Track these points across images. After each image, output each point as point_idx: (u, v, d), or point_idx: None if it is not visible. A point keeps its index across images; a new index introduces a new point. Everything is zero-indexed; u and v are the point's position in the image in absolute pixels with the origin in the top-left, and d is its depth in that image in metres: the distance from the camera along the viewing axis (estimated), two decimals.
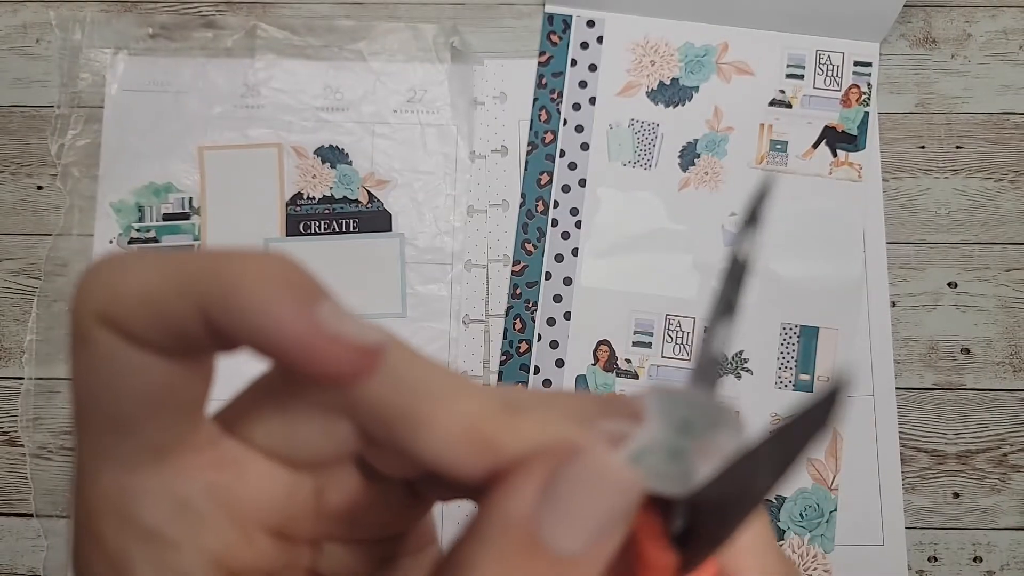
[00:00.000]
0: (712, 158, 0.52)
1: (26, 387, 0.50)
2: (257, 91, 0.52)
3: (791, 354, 0.51)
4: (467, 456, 0.13)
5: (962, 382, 0.51)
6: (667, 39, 0.53)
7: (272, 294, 0.11)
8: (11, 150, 0.52)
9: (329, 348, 0.12)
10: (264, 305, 0.11)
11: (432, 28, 0.53)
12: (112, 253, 0.13)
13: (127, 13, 0.53)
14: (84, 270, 0.12)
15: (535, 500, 0.12)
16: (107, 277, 0.12)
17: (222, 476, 0.14)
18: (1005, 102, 0.53)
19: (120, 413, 0.12)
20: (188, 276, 0.12)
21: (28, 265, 0.51)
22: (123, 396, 0.12)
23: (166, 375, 0.12)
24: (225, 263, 0.12)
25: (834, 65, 0.53)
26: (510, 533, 0.12)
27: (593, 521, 0.12)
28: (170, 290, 0.12)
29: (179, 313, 0.12)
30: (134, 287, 0.12)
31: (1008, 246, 0.52)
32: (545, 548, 0.12)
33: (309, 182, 0.52)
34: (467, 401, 0.13)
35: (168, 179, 0.52)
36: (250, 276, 0.12)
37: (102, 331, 0.12)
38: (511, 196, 0.52)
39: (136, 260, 0.12)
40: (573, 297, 0.51)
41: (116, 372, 0.12)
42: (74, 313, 0.12)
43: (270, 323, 0.11)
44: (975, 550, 0.50)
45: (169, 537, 0.13)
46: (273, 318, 0.11)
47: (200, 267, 0.12)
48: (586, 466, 0.12)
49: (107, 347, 0.12)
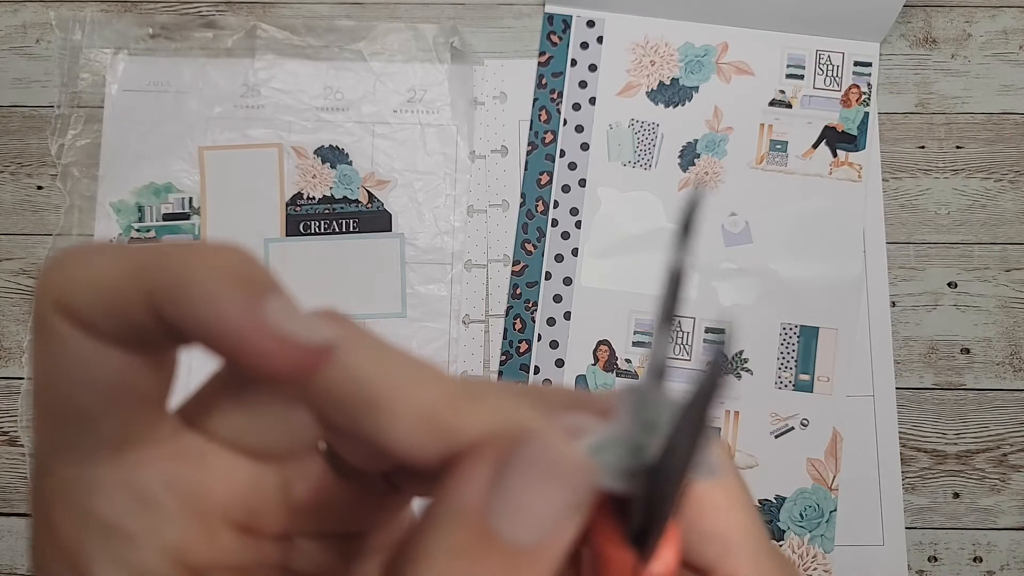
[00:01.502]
0: (712, 158, 0.52)
1: (26, 387, 0.50)
2: (257, 91, 0.52)
3: (791, 354, 0.51)
4: (424, 441, 0.12)
5: (962, 382, 0.51)
6: (667, 39, 0.53)
7: (218, 288, 0.11)
8: (11, 150, 0.52)
9: (273, 346, 0.11)
10: (210, 299, 0.11)
11: (432, 28, 0.53)
12: (77, 244, 0.13)
13: (127, 13, 0.53)
14: (47, 259, 0.13)
15: (486, 488, 0.12)
16: (67, 267, 0.12)
17: (183, 469, 0.13)
18: (1005, 102, 0.53)
19: (78, 404, 0.12)
20: (140, 266, 0.12)
21: (28, 265, 0.51)
22: (81, 387, 0.12)
23: (124, 367, 0.12)
24: (176, 255, 0.12)
25: (834, 65, 0.53)
26: (462, 522, 0.11)
27: (546, 511, 0.12)
28: (122, 280, 0.11)
29: (130, 303, 0.11)
30: (90, 276, 0.12)
31: (1008, 246, 0.52)
32: (498, 539, 0.11)
33: (309, 182, 0.52)
34: (426, 386, 0.13)
35: (168, 179, 0.52)
36: (199, 268, 0.11)
37: (60, 320, 0.12)
38: (511, 196, 0.52)
39: (96, 250, 0.12)
40: (573, 297, 0.51)
41: (74, 362, 0.12)
42: (36, 302, 0.12)
43: (215, 317, 0.11)
44: (975, 550, 0.50)
45: (128, 531, 0.13)
46: (218, 312, 0.11)
47: (153, 258, 0.12)
48: (537, 453, 0.12)
49: (65, 337, 0.12)
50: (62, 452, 0.13)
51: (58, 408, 0.12)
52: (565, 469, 0.12)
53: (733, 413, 0.50)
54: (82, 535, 0.13)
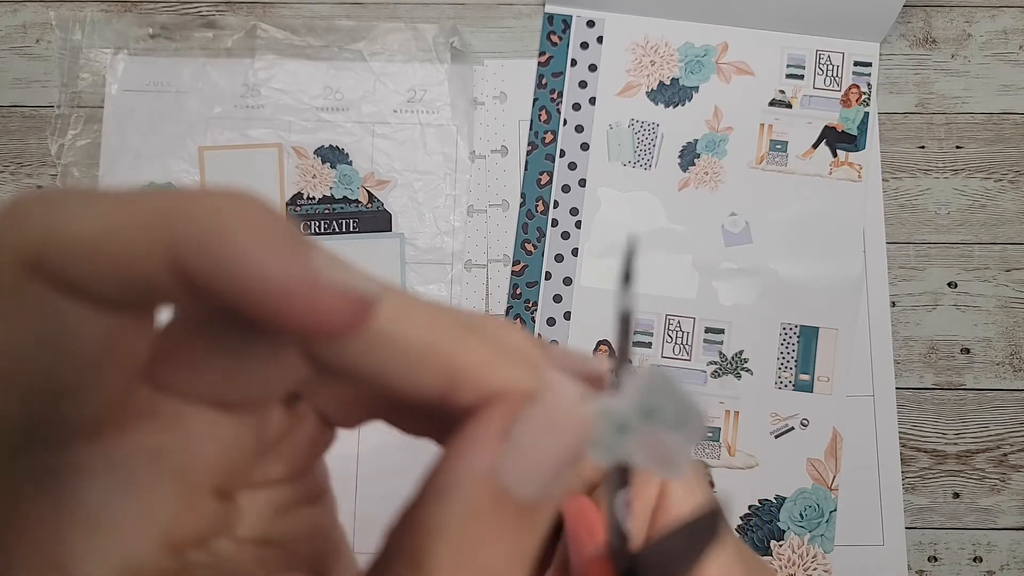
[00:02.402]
0: (712, 158, 0.52)
1: None
2: (257, 91, 0.52)
3: (791, 354, 0.51)
4: (440, 388, 0.12)
5: (962, 382, 0.51)
6: (667, 39, 0.53)
7: (258, 238, 0.10)
8: (11, 150, 0.52)
9: (326, 301, 0.10)
10: (250, 251, 0.10)
11: (432, 28, 0.53)
12: (39, 190, 0.11)
13: (127, 13, 0.53)
14: (6, 205, 0.10)
15: (497, 446, 0.11)
16: (39, 217, 0.10)
17: (167, 439, 0.12)
18: (1005, 102, 0.53)
19: (51, 378, 0.10)
20: (156, 217, 0.10)
21: None
22: (56, 358, 0.10)
23: (108, 332, 0.11)
24: (202, 203, 0.10)
25: (834, 65, 0.53)
26: (478, 486, 0.11)
27: (548, 465, 0.12)
28: (131, 233, 0.10)
29: (141, 259, 0.10)
30: (78, 229, 0.10)
31: (1008, 246, 0.52)
32: (509, 497, 0.11)
33: (309, 182, 0.52)
34: (450, 335, 0.12)
35: (168, 179, 0.52)
36: (233, 218, 0.10)
37: (28, 280, 0.10)
38: (511, 196, 0.52)
39: (78, 198, 0.10)
40: (573, 297, 0.51)
41: (46, 329, 0.10)
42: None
43: (257, 272, 0.10)
44: (975, 550, 0.50)
45: (115, 520, 0.11)
46: (262, 266, 0.10)
47: (170, 207, 0.10)
48: (548, 410, 0.12)
49: (34, 299, 0.10)
50: (31, 435, 0.11)
51: (26, 384, 0.10)
52: (574, 429, 0.12)
53: (733, 413, 0.50)
54: (62, 529, 0.11)
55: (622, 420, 0.13)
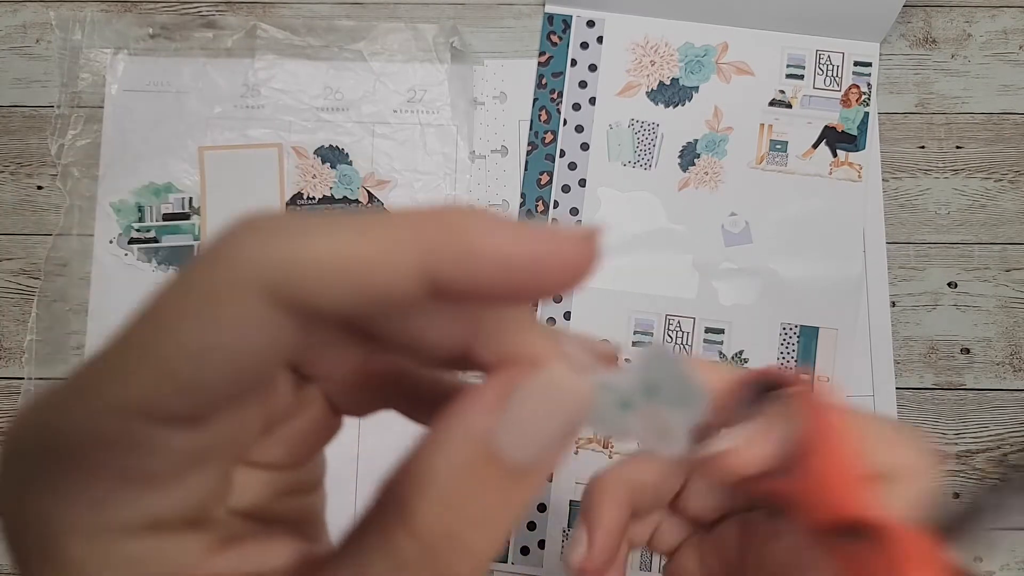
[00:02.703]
0: (712, 158, 0.52)
1: (26, 387, 0.50)
2: (257, 91, 0.52)
3: (791, 354, 0.51)
4: (456, 324, 0.13)
5: (962, 382, 0.51)
6: (667, 39, 0.53)
7: (506, 230, 0.11)
8: (11, 150, 0.52)
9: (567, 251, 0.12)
10: (506, 243, 0.11)
11: (432, 28, 0.53)
12: (264, 215, 0.11)
13: (127, 13, 0.53)
14: (231, 230, 0.11)
15: (494, 410, 0.12)
16: (284, 244, 0.11)
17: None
18: (1005, 102, 0.53)
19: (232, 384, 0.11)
20: (404, 237, 0.11)
21: (28, 265, 0.51)
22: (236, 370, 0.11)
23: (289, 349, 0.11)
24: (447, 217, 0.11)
25: (834, 65, 0.53)
26: (468, 441, 0.12)
27: (546, 436, 0.12)
28: (379, 254, 0.11)
29: (392, 276, 0.11)
30: (322, 255, 0.11)
31: (1008, 246, 0.52)
32: (499, 459, 0.12)
33: (309, 182, 0.52)
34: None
35: (168, 179, 0.52)
36: (478, 223, 0.11)
37: (258, 302, 0.10)
38: (511, 196, 0.52)
39: (320, 227, 0.11)
40: (573, 297, 0.51)
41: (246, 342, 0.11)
42: (218, 273, 0.11)
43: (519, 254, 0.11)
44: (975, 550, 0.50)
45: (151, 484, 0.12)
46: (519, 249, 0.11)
47: (417, 226, 0.11)
48: (547, 381, 0.12)
49: (253, 318, 0.11)
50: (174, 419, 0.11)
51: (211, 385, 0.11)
52: (572, 401, 0.13)
53: None
54: (116, 482, 0.12)
55: (624, 396, 0.13)
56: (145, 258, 0.51)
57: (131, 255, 0.51)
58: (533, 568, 0.49)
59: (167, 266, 0.51)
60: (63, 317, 0.50)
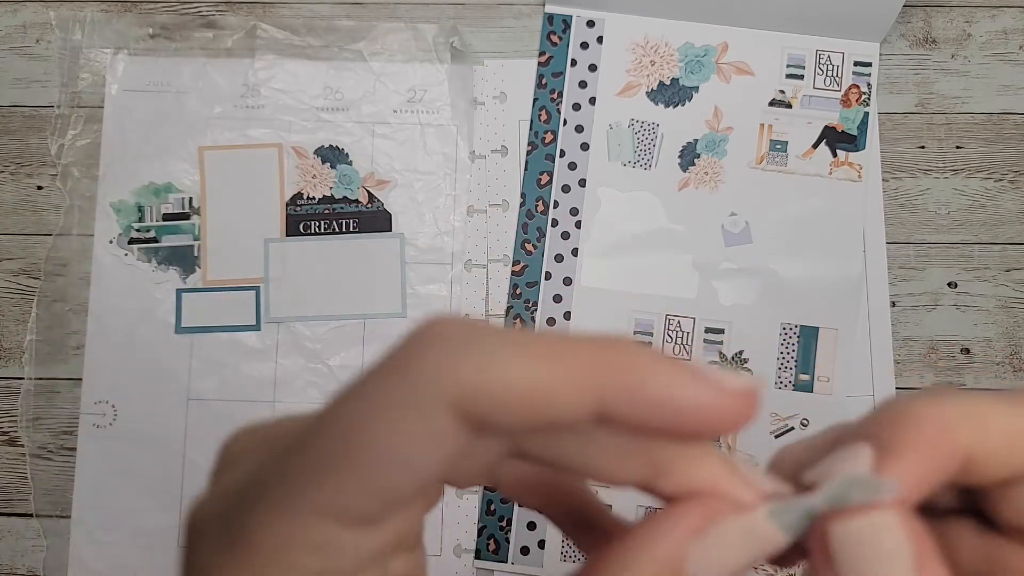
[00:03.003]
0: (712, 158, 0.52)
1: (26, 387, 0.50)
2: (257, 91, 0.52)
3: (791, 354, 0.51)
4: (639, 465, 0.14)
5: (962, 382, 0.51)
6: (667, 39, 0.53)
7: (680, 376, 0.12)
8: (11, 150, 0.52)
9: (731, 404, 0.12)
10: (671, 384, 0.12)
11: (432, 28, 0.53)
12: (450, 322, 0.12)
13: (127, 13, 0.53)
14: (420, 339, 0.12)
15: (688, 541, 0.13)
16: (474, 363, 0.12)
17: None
18: (1005, 102, 0.53)
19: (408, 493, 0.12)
20: (585, 370, 0.12)
21: (28, 265, 0.51)
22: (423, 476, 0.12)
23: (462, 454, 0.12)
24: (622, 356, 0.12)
25: (834, 65, 0.53)
26: (660, 567, 0.13)
27: (732, 568, 0.13)
28: (564, 385, 0.12)
29: (570, 406, 0.12)
30: (510, 378, 0.12)
31: (1008, 246, 0.52)
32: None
33: (309, 182, 0.52)
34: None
35: (168, 179, 0.52)
36: (651, 365, 0.12)
37: (446, 417, 0.12)
38: (511, 196, 0.52)
39: (506, 347, 0.12)
40: (573, 297, 0.51)
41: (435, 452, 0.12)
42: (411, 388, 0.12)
43: (682, 397, 0.12)
44: None
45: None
46: (684, 392, 0.12)
47: (595, 361, 0.12)
48: (748, 523, 0.13)
49: (443, 432, 0.12)
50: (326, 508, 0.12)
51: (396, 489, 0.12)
52: (766, 544, 0.13)
53: None
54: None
55: (812, 510, 0.14)
56: (145, 258, 0.51)
57: (131, 255, 0.51)
58: (533, 568, 0.49)
59: (167, 266, 0.51)
60: (63, 317, 0.50)
